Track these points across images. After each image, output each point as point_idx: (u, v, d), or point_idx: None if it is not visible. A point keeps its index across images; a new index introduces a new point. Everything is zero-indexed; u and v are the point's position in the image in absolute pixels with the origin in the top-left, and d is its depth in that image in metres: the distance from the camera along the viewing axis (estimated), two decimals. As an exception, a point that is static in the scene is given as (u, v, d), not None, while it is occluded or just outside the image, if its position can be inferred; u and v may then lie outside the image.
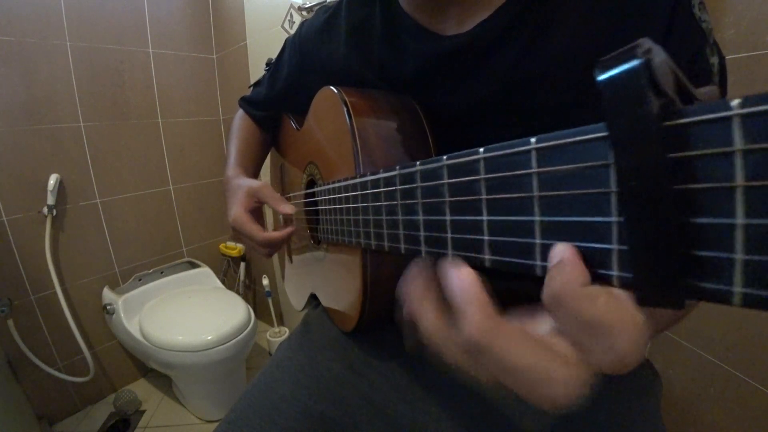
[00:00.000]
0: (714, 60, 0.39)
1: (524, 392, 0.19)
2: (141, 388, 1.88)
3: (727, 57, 0.42)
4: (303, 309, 0.81)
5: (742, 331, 0.84)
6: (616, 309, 0.17)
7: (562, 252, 0.18)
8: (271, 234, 0.62)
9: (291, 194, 0.77)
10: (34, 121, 1.55)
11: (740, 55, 0.76)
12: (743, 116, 0.12)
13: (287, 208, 0.61)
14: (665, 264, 0.14)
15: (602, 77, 0.14)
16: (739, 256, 0.12)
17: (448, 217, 0.24)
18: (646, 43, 0.13)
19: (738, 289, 0.12)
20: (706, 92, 0.15)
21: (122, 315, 1.65)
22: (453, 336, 0.22)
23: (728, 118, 0.12)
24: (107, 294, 1.76)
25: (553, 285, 0.18)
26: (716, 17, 0.77)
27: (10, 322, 1.49)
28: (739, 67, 0.76)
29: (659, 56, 0.13)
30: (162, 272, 1.98)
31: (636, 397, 0.51)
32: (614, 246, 0.16)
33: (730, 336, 0.86)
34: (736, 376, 0.86)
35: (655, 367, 0.57)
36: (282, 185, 0.86)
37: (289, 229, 0.63)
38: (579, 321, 0.18)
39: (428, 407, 0.53)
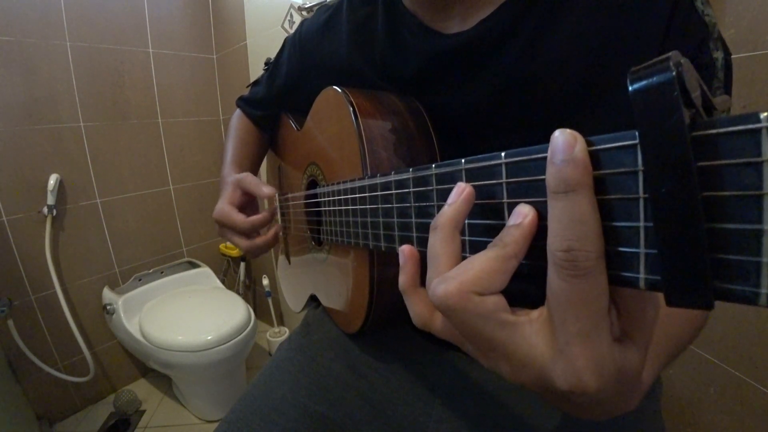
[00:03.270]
0: (718, 55, 0.39)
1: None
2: (141, 388, 1.88)
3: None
4: (302, 310, 0.80)
5: (742, 331, 0.84)
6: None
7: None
8: (254, 217, 0.61)
9: (291, 195, 0.77)
10: (34, 121, 1.55)
11: (740, 55, 0.76)
12: (771, 129, 0.12)
13: (267, 190, 0.60)
14: (694, 267, 0.14)
15: (635, 87, 0.15)
16: (766, 259, 0.13)
17: (465, 220, 0.25)
18: (677, 56, 0.14)
19: (764, 290, 0.13)
20: (721, 101, 0.16)
21: (122, 315, 1.65)
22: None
23: (757, 131, 0.12)
24: (107, 294, 1.76)
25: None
26: (716, 17, 0.78)
27: (10, 322, 1.49)
28: (739, 67, 0.76)
29: (688, 69, 0.14)
30: (162, 272, 1.98)
31: None
32: (641, 250, 0.16)
33: (730, 336, 0.86)
34: (736, 376, 0.86)
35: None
36: (281, 186, 0.86)
37: (271, 207, 0.62)
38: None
39: (428, 408, 0.54)
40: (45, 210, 1.57)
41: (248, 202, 0.67)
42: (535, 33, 0.43)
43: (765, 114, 0.12)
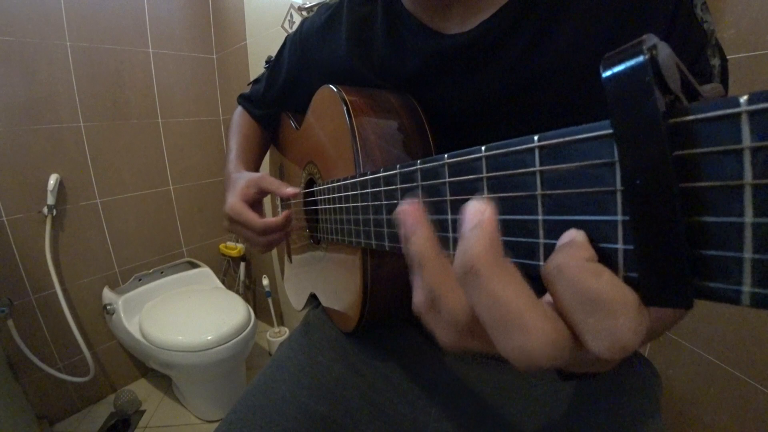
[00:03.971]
0: (715, 62, 0.40)
1: (496, 333, 0.18)
2: (141, 388, 1.88)
3: (727, 57, 0.41)
4: (303, 309, 0.80)
5: (742, 331, 0.84)
6: (620, 289, 0.16)
7: (572, 234, 0.17)
8: (269, 220, 0.60)
9: None
10: (34, 121, 1.55)
11: (740, 55, 0.76)
12: (751, 113, 0.11)
13: (290, 190, 0.59)
14: (672, 264, 0.13)
15: (607, 74, 0.14)
16: (748, 255, 0.12)
17: (449, 216, 0.24)
18: (651, 39, 0.13)
19: (747, 288, 0.12)
20: (710, 89, 0.15)
21: (122, 315, 1.65)
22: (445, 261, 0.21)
23: (736, 115, 0.12)
24: (107, 294, 1.76)
25: (557, 257, 0.17)
26: (716, 17, 0.77)
27: (10, 322, 1.49)
28: (739, 67, 0.76)
29: (664, 52, 0.13)
30: (162, 272, 1.98)
31: (636, 396, 0.51)
32: (619, 245, 0.15)
33: (730, 336, 0.86)
34: (736, 376, 0.86)
35: (655, 367, 0.57)
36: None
37: (285, 213, 0.61)
38: (579, 293, 0.16)
39: (429, 407, 0.54)
40: (45, 210, 1.57)
41: (258, 201, 0.66)
42: (535, 36, 0.43)
43: (745, 97, 0.11)
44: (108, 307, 1.70)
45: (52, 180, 1.58)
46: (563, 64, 0.43)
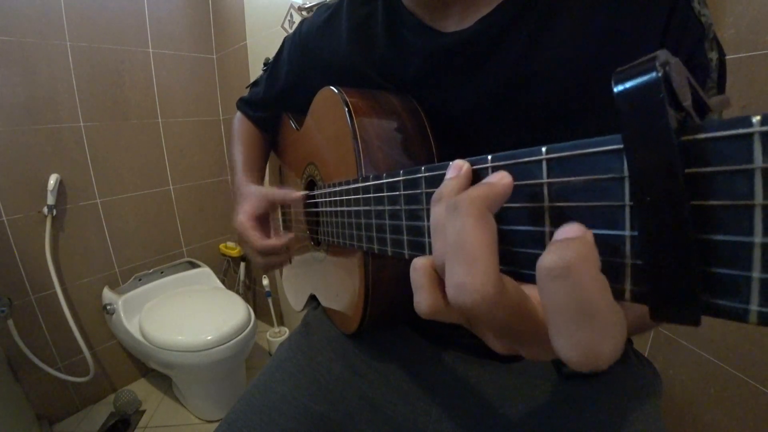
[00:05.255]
0: (713, 55, 0.40)
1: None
2: (141, 388, 1.88)
3: (726, 56, 0.41)
4: (302, 309, 0.80)
5: (742, 331, 0.84)
6: (616, 311, 0.16)
7: (580, 231, 0.16)
8: (267, 241, 0.61)
9: None
10: (34, 121, 1.55)
11: (740, 55, 0.76)
12: (764, 134, 0.11)
13: (297, 194, 0.61)
14: (680, 280, 0.13)
15: (619, 88, 0.14)
16: (757, 274, 0.12)
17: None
18: (663, 55, 0.13)
19: (754, 307, 0.12)
20: (717, 102, 0.15)
21: (122, 315, 1.65)
22: None
23: (749, 135, 0.12)
24: (107, 294, 1.76)
25: (566, 253, 0.16)
26: (716, 17, 0.77)
27: (10, 322, 1.48)
28: (739, 67, 0.76)
29: (677, 69, 0.13)
30: (162, 272, 1.98)
31: (636, 397, 0.51)
32: (627, 260, 0.15)
33: (730, 336, 0.86)
34: (736, 376, 0.86)
35: (655, 367, 0.57)
36: (281, 186, 0.86)
37: (288, 237, 0.61)
38: (579, 303, 0.16)
39: (428, 408, 0.54)
40: (45, 210, 1.57)
41: (265, 216, 0.67)
42: (534, 32, 0.43)
43: (757, 118, 0.11)
44: (108, 307, 1.70)
45: (52, 180, 1.57)
46: (563, 60, 0.43)
